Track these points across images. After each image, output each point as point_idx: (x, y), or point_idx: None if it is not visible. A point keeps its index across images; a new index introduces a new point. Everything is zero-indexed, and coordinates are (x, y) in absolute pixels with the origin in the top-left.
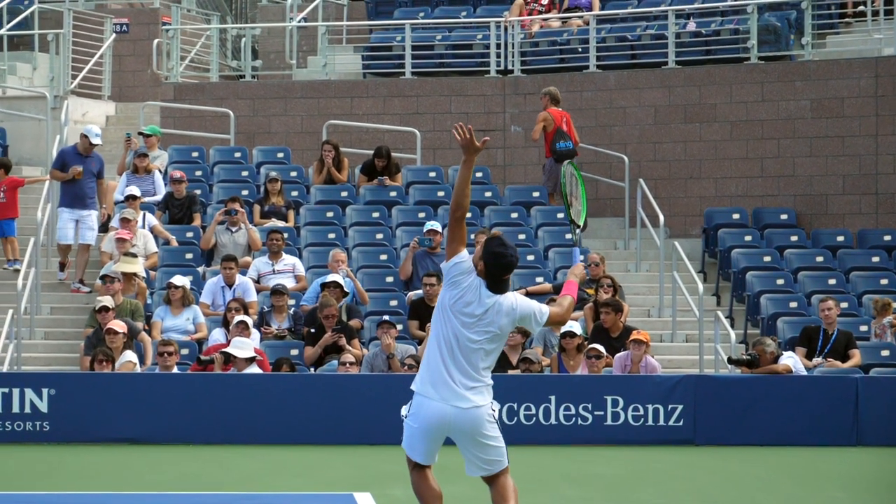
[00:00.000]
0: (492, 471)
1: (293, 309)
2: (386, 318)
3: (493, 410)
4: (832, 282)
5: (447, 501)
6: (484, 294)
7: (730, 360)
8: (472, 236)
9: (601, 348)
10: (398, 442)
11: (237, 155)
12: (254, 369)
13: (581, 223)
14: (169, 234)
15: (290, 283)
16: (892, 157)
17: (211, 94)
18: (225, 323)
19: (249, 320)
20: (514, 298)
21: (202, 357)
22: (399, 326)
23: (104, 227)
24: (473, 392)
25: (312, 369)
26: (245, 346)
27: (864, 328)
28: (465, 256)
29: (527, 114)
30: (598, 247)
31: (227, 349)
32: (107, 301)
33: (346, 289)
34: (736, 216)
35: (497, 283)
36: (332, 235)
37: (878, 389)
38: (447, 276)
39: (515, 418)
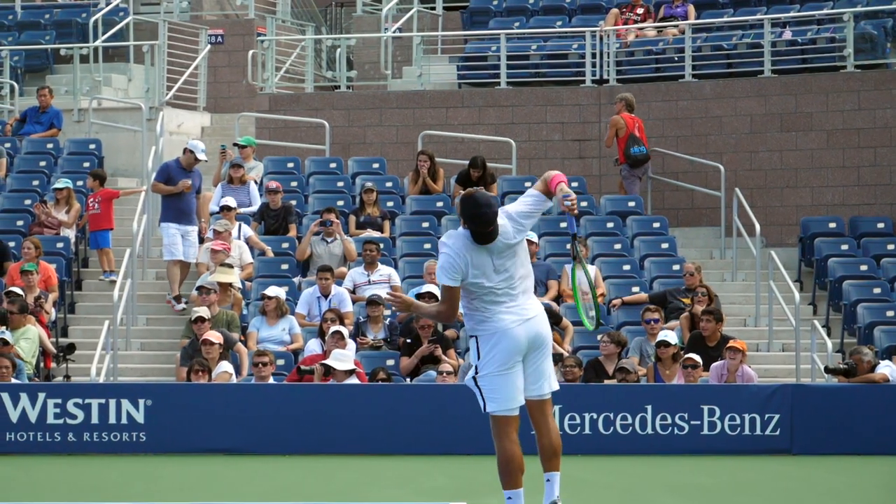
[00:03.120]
0: (550, 388)
1: (389, 319)
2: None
3: None
4: None
5: None
6: (478, 246)
7: (827, 370)
8: (568, 246)
9: (697, 358)
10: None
11: (332, 166)
12: (352, 381)
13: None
14: (265, 244)
15: (385, 293)
16: None
17: (306, 104)
18: (321, 333)
19: (345, 331)
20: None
21: (302, 367)
22: None
23: (200, 239)
24: (529, 300)
25: (408, 380)
26: (345, 359)
27: None
28: (446, 250)
29: None
30: (693, 256)
31: (327, 361)
32: (202, 312)
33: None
34: (832, 225)
35: (485, 236)
36: (427, 246)
37: None
38: (448, 274)
39: (612, 428)
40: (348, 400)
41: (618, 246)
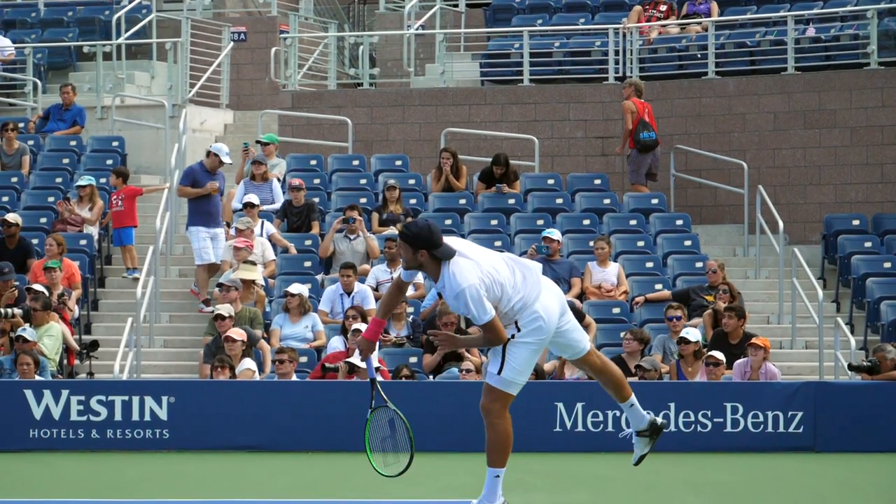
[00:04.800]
0: (587, 344)
1: (412, 317)
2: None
3: None
4: None
5: None
6: (445, 275)
7: (850, 367)
8: (592, 243)
9: (720, 355)
10: (517, 449)
11: (355, 163)
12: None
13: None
14: (287, 241)
15: (408, 290)
16: None
17: (329, 102)
18: (343, 331)
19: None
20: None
21: (327, 365)
22: None
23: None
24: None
25: (431, 377)
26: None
27: None
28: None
29: None
30: (717, 253)
31: (351, 359)
32: (223, 309)
33: None
34: (856, 222)
35: (448, 247)
36: None
37: None
38: (485, 307)
39: None
40: (370, 397)
41: (641, 243)
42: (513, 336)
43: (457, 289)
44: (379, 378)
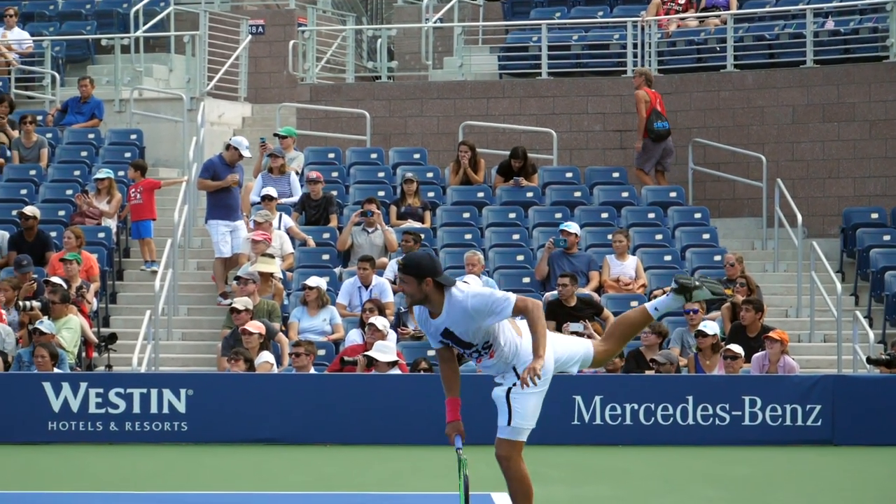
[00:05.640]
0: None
1: None
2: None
3: None
4: None
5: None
6: (449, 301)
7: (869, 360)
8: (610, 236)
9: (737, 349)
10: (536, 441)
11: (373, 156)
12: (395, 372)
13: None
14: (305, 235)
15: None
16: None
17: (347, 95)
18: (362, 324)
19: (381, 323)
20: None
21: (346, 358)
22: None
23: None
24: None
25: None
26: (388, 351)
27: None
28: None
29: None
30: (735, 247)
31: (370, 352)
32: (238, 303)
33: None
34: (875, 216)
35: (447, 280)
36: (468, 236)
37: None
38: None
39: (653, 418)
40: (390, 390)
41: (659, 236)
42: (514, 384)
43: (466, 298)
44: (397, 371)
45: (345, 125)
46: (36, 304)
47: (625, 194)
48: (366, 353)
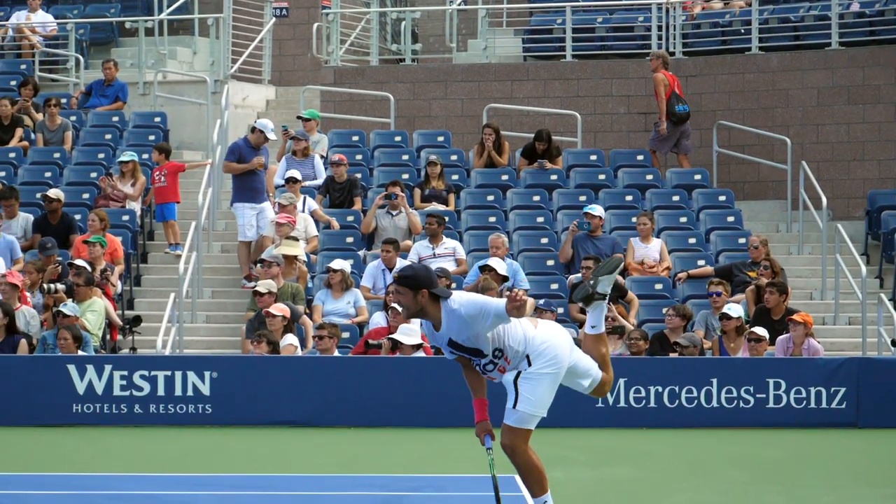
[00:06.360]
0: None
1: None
2: (541, 302)
3: None
4: None
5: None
6: (445, 312)
7: (893, 343)
8: (634, 219)
9: (761, 331)
10: (559, 424)
11: (397, 139)
12: (419, 355)
13: None
14: (330, 217)
15: (450, 266)
16: None
17: (371, 77)
18: (385, 307)
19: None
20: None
21: (370, 341)
22: (560, 310)
23: None
24: None
25: None
26: (412, 334)
27: None
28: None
29: (688, 96)
30: (759, 229)
31: (395, 335)
32: (262, 286)
33: (501, 272)
34: None
35: (443, 292)
36: (492, 219)
37: None
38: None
39: (677, 401)
40: (414, 373)
41: (683, 219)
42: (525, 370)
43: (460, 307)
44: (421, 354)
45: (369, 108)
46: (60, 286)
47: (649, 177)
48: (390, 335)
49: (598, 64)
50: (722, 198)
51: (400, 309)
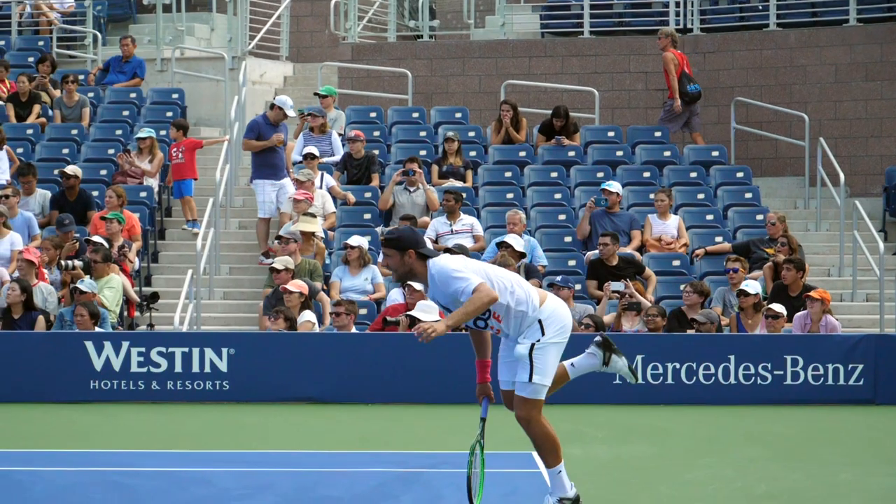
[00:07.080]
0: None
1: None
2: (558, 279)
3: None
4: None
5: (629, 460)
6: (431, 271)
7: None
8: (652, 195)
9: (779, 308)
10: (577, 401)
11: (415, 115)
12: None
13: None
14: (347, 194)
15: (468, 242)
16: None
17: (388, 54)
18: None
19: (418, 283)
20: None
21: (388, 318)
22: (577, 286)
23: None
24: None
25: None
26: (430, 310)
27: None
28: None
29: (706, 73)
30: (777, 206)
31: (413, 312)
32: (279, 262)
33: (518, 248)
34: None
35: (430, 251)
36: (510, 195)
37: None
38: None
39: (694, 378)
40: (431, 349)
41: (701, 196)
42: (538, 340)
43: (434, 266)
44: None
45: (386, 84)
46: (78, 263)
47: (667, 153)
48: (408, 312)
49: (616, 40)
50: (740, 174)
51: (390, 272)
